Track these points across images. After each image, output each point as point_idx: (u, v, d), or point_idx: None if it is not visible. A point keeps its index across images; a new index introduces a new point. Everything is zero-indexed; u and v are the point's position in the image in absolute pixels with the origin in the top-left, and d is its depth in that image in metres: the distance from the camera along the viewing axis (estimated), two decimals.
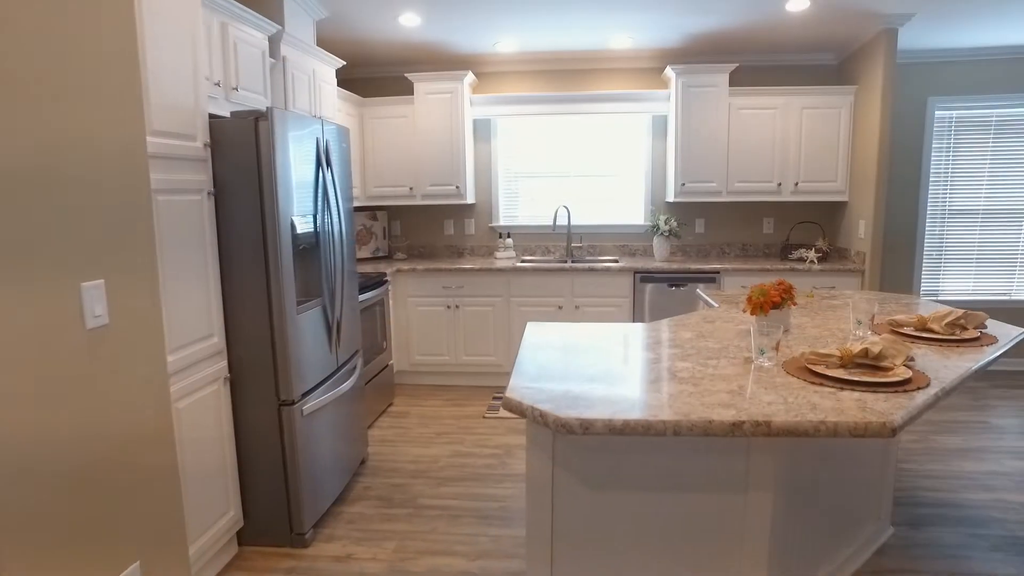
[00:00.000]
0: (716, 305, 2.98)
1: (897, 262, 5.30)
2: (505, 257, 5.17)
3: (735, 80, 4.99)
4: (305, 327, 2.72)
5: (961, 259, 5.33)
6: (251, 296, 2.54)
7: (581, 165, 5.30)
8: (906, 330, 2.42)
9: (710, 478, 1.77)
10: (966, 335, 2.34)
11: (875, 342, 1.94)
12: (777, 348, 2.00)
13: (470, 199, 5.15)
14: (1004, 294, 5.39)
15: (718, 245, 5.29)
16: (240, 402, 2.62)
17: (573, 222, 5.34)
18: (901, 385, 1.74)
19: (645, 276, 4.66)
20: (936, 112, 5.10)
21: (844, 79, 4.93)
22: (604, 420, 1.53)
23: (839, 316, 2.75)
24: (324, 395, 2.89)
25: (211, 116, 2.52)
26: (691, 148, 4.78)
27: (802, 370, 1.91)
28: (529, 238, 5.43)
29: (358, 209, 5.40)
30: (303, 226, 2.73)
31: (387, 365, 4.49)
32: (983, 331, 2.45)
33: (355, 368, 3.35)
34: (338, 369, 3.12)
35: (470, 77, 4.97)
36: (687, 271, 4.64)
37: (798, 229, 5.22)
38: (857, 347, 1.94)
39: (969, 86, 5.06)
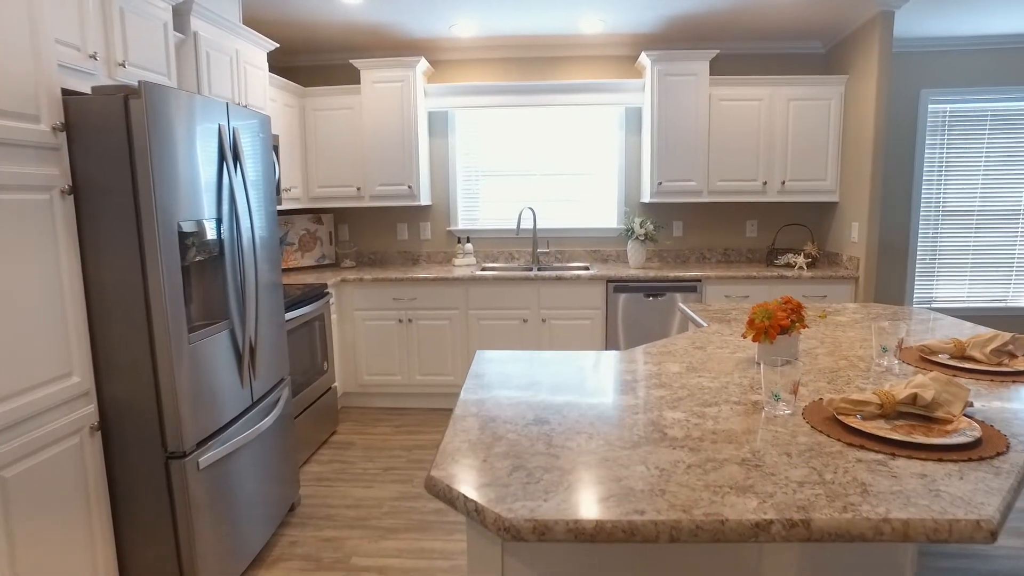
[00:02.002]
0: (705, 324, 2.52)
1: (888, 267, 4.92)
2: (464, 264, 4.67)
3: (715, 69, 4.56)
4: (203, 357, 2.19)
5: (955, 264, 4.97)
6: (126, 322, 2.00)
7: (548, 163, 4.82)
8: (941, 358, 1.98)
9: None
10: (1016, 364, 1.91)
11: (924, 384, 1.48)
12: (795, 391, 1.53)
13: (425, 200, 4.63)
14: (999, 301, 5.05)
15: (698, 250, 4.85)
16: (115, 456, 2.07)
17: (540, 225, 4.86)
18: (973, 449, 1.28)
19: (619, 285, 4.20)
20: (929, 106, 4.73)
21: (832, 69, 4.53)
22: (567, 522, 1.04)
23: (852, 338, 2.30)
24: (233, 439, 2.36)
25: (72, 94, 1.98)
26: (668, 143, 4.33)
27: (831, 423, 1.45)
28: (491, 243, 4.93)
29: (301, 212, 4.85)
30: (200, 233, 2.19)
31: (330, 388, 3.96)
32: None
33: (279, 400, 2.82)
34: (254, 404, 2.59)
35: (423, 64, 4.46)
36: (665, 279, 4.19)
37: (785, 232, 4.81)
38: (902, 390, 1.48)
39: (964, 78, 4.70)
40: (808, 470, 1.21)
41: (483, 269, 4.64)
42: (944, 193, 4.87)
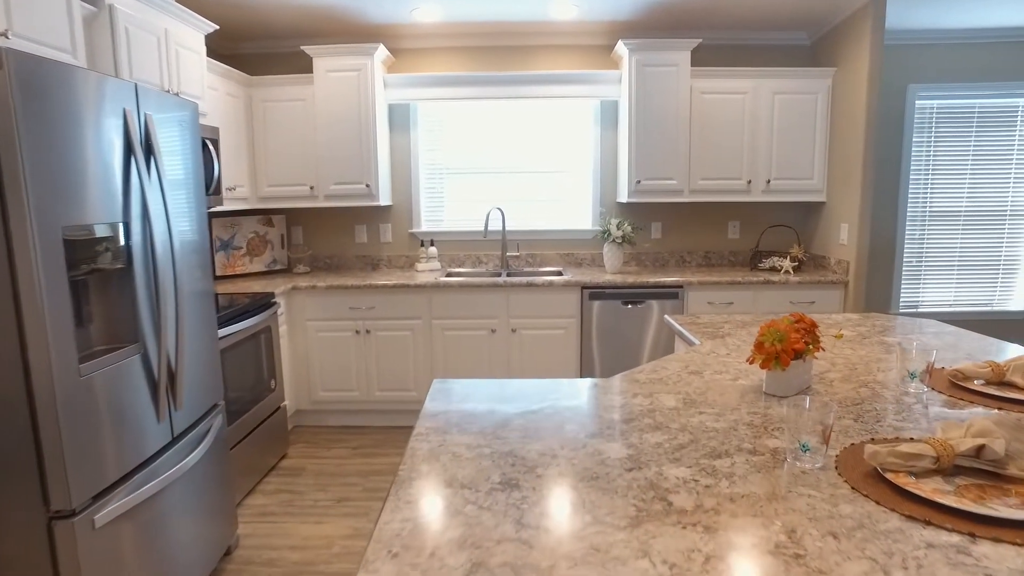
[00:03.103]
0: (697, 342, 2.21)
1: (873, 271, 4.70)
2: (428, 269, 4.31)
3: (697, 60, 4.28)
4: (102, 390, 1.81)
5: (942, 267, 4.77)
6: None
7: (518, 160, 4.49)
8: (976, 384, 1.70)
9: None
10: None
11: (988, 430, 1.19)
12: (827, 439, 1.22)
13: (384, 200, 4.27)
14: (986, 304, 4.86)
15: (678, 253, 4.57)
16: None
17: (510, 227, 4.52)
18: None
19: (595, 292, 3.88)
20: (917, 102, 4.51)
21: (818, 62, 4.28)
22: None
23: (866, 358, 2.01)
24: (146, 485, 1.98)
25: None
26: (647, 139, 4.03)
27: (875, 481, 1.14)
28: (457, 246, 4.58)
29: (249, 213, 4.45)
30: (96, 239, 1.81)
31: (279, 408, 3.57)
32: None
33: (209, 431, 2.44)
34: (176, 439, 2.21)
35: (382, 52, 4.10)
36: (644, 285, 3.89)
37: (769, 234, 4.55)
38: (960, 437, 1.19)
39: (952, 73, 4.49)
40: (867, 563, 0.89)
41: (448, 275, 4.29)
42: (931, 193, 4.66)
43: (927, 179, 4.63)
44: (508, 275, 4.29)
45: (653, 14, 3.95)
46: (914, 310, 4.78)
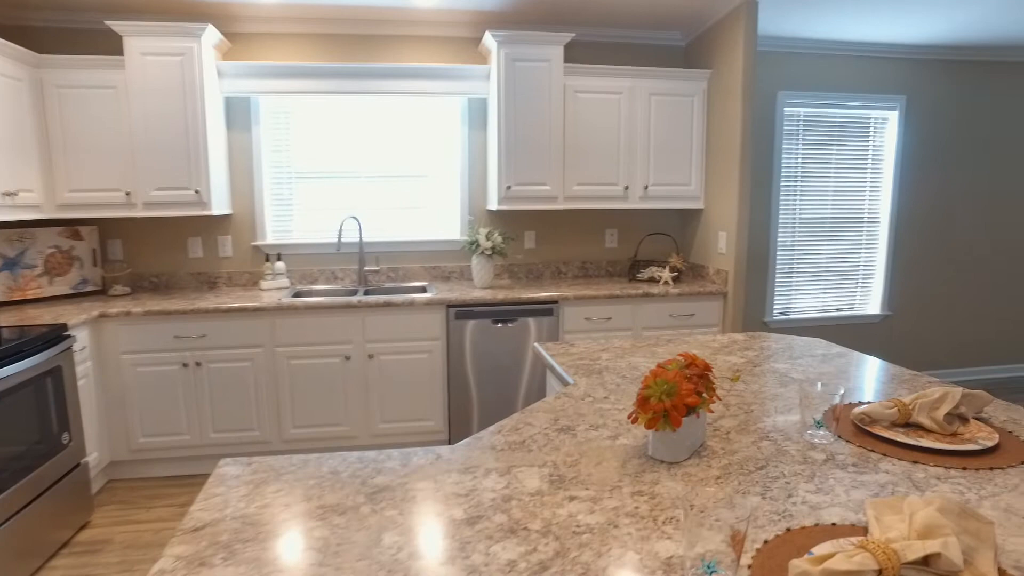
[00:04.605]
0: (571, 381, 1.86)
1: (750, 279, 4.63)
2: (274, 288, 3.75)
3: (570, 57, 4.01)
4: None
5: (811, 273, 4.80)
6: None
7: (378, 163, 4.02)
8: (880, 429, 1.45)
9: None
10: (971, 433, 1.43)
11: (935, 524, 0.90)
12: (739, 551, 0.88)
13: (220, 209, 3.66)
14: (848, 309, 4.95)
15: (553, 264, 4.28)
16: None
17: (369, 238, 4.04)
18: None
19: (462, 310, 3.49)
20: (785, 108, 4.48)
21: (692, 64, 4.13)
22: None
23: (758, 394, 1.74)
24: None
25: None
26: (519, 141, 3.70)
27: None
28: (309, 260, 4.04)
29: (46, 224, 3.69)
30: None
31: (77, 465, 2.90)
32: (982, 419, 1.56)
33: None
34: None
35: (214, 35, 3.50)
36: (516, 301, 3.54)
37: (647, 242, 4.35)
38: (907, 541, 0.89)
39: (817, 81, 4.50)
40: None
41: (297, 294, 3.74)
42: (801, 201, 4.66)
43: (797, 186, 4.63)
44: (366, 292, 3.81)
45: (522, 5, 3.62)
46: (786, 316, 4.77)
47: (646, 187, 3.90)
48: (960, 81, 4.77)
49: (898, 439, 1.40)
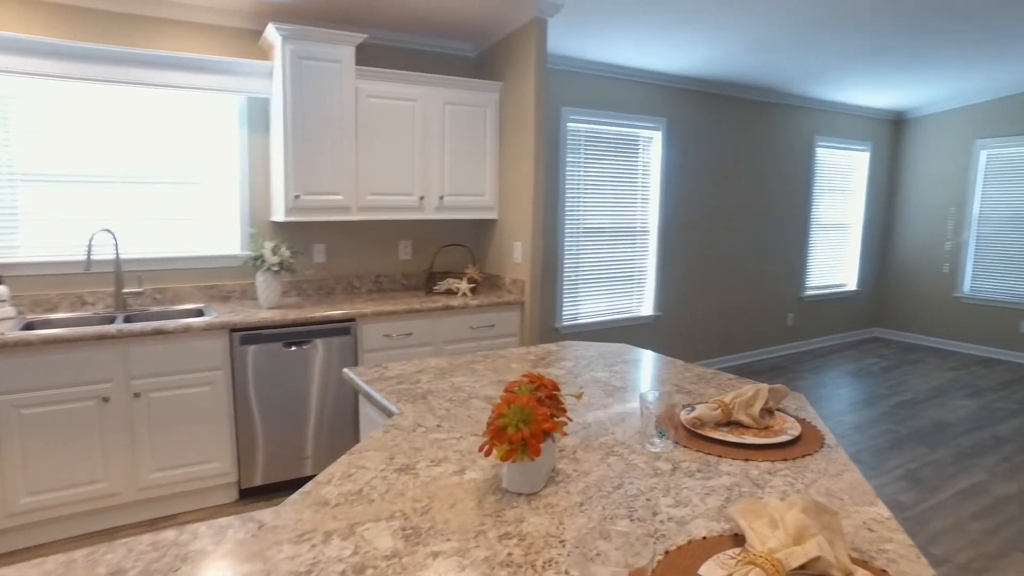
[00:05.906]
0: (397, 411, 1.69)
1: (542, 286, 4.78)
2: None
3: (362, 60, 3.80)
4: None
5: (595, 279, 5.11)
6: None
7: (137, 166, 3.43)
8: (709, 431, 1.51)
9: None
10: (779, 425, 1.57)
11: (805, 527, 0.92)
12: None
13: None
14: (627, 312, 5.36)
15: (345, 279, 4.01)
16: None
17: (127, 255, 3.43)
18: None
19: (248, 335, 3.10)
20: (568, 124, 4.72)
21: (483, 75, 4.16)
22: None
23: (589, 407, 1.73)
24: None
25: None
26: (307, 147, 3.40)
27: None
28: (46, 283, 3.31)
29: None
30: None
31: None
32: (781, 410, 1.70)
33: None
34: None
35: None
36: (309, 321, 3.24)
37: (443, 254, 4.28)
38: (788, 548, 0.88)
39: (594, 100, 4.81)
40: None
41: (28, 326, 3.04)
42: (584, 211, 4.94)
43: (581, 197, 4.90)
44: (127, 319, 3.22)
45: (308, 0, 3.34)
46: (575, 322, 5.02)
47: (441, 197, 3.83)
48: (709, 109, 5.46)
49: (727, 439, 1.47)
